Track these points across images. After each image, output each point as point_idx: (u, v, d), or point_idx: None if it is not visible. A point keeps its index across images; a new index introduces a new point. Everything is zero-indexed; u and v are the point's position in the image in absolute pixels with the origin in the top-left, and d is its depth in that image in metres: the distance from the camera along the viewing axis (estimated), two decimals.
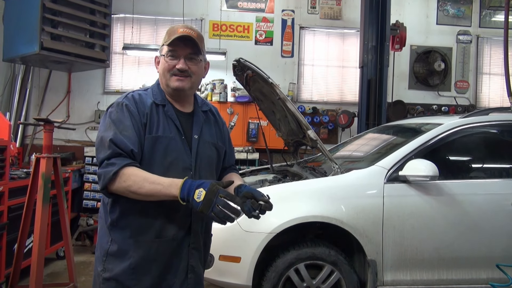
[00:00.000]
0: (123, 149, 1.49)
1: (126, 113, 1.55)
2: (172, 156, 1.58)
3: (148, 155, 1.55)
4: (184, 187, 1.41)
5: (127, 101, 1.59)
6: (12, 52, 4.73)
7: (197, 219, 1.63)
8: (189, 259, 1.62)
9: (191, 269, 1.63)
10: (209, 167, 1.70)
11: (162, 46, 1.66)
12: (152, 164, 1.54)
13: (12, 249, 3.40)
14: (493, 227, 2.95)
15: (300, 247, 2.90)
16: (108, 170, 1.46)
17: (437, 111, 6.40)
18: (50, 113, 5.97)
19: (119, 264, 1.55)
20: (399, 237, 2.88)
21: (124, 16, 6.21)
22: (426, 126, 3.34)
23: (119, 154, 1.48)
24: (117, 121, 1.54)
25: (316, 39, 6.58)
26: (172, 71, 1.61)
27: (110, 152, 1.48)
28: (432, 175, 2.77)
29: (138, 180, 1.45)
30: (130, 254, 1.54)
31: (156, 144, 1.56)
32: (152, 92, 1.67)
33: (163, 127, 1.59)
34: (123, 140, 1.49)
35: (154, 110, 1.61)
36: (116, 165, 1.46)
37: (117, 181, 1.46)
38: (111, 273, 1.55)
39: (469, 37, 6.68)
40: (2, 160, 3.31)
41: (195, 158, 1.63)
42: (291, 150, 4.22)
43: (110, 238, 1.58)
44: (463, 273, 2.95)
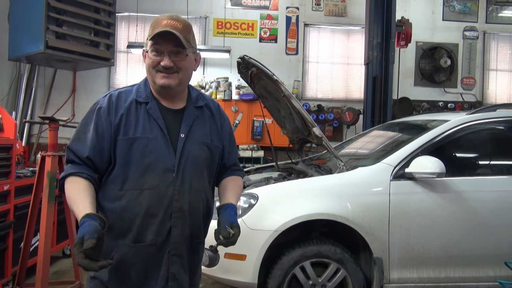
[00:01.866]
0: (78, 156, 1.48)
1: (94, 115, 1.51)
2: (151, 158, 1.48)
3: (124, 157, 1.48)
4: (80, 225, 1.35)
5: (102, 103, 1.53)
6: (17, 52, 4.75)
7: (178, 223, 1.52)
8: (169, 266, 1.52)
9: (172, 276, 1.52)
10: (196, 167, 1.56)
11: (146, 40, 1.54)
12: (129, 166, 1.49)
13: (18, 247, 3.41)
14: (501, 224, 2.92)
15: (305, 245, 2.88)
16: (62, 174, 1.48)
17: (443, 108, 6.36)
18: (55, 111, 6.00)
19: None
20: (406, 234, 2.86)
21: (129, 14, 6.22)
22: (433, 123, 3.31)
23: (71, 161, 1.48)
24: (84, 124, 1.53)
25: (320, 36, 6.55)
26: (157, 67, 1.50)
27: (66, 158, 1.50)
28: (439, 172, 2.74)
29: (67, 196, 1.45)
30: (112, 255, 1.49)
31: (133, 146, 1.48)
32: (137, 89, 1.59)
33: (142, 127, 1.50)
34: (78, 147, 1.49)
35: (133, 109, 1.52)
36: (65, 172, 1.47)
37: (64, 188, 1.47)
38: (95, 272, 1.49)
39: (476, 33, 6.63)
40: (8, 159, 3.32)
41: (179, 159, 1.51)
42: (296, 147, 4.20)
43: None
44: (470, 270, 2.92)
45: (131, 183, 1.48)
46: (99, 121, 1.49)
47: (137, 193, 1.47)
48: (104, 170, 1.50)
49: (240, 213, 2.85)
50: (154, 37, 1.47)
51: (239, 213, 2.86)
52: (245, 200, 2.89)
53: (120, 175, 1.48)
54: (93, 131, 1.49)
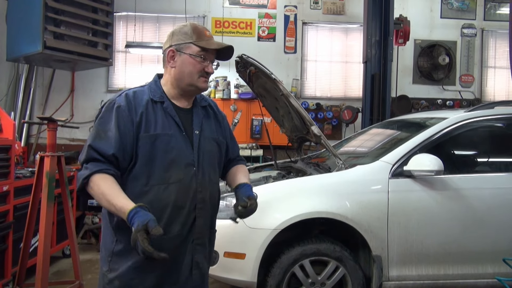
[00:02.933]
0: (102, 154, 1.49)
1: (114, 114, 1.54)
2: (173, 153, 1.56)
3: (148, 153, 1.54)
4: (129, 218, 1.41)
5: (120, 101, 1.56)
6: (15, 52, 4.75)
7: (201, 214, 1.62)
8: (193, 255, 1.62)
9: (196, 265, 1.62)
10: (211, 162, 1.69)
11: (188, 43, 1.62)
12: (153, 162, 1.54)
13: (18, 247, 3.41)
14: (499, 221, 2.93)
15: (304, 243, 2.89)
16: (82, 174, 1.49)
17: (442, 106, 6.37)
18: (54, 112, 6.00)
19: (124, 263, 1.55)
20: (404, 232, 2.87)
21: (127, 14, 6.21)
22: (431, 120, 3.32)
23: (94, 159, 1.49)
24: (103, 122, 1.54)
25: (319, 34, 6.55)
26: (200, 72, 1.62)
27: (88, 157, 1.50)
28: (437, 170, 2.75)
29: (96, 194, 1.47)
30: (134, 253, 1.51)
31: (155, 142, 1.55)
32: (149, 89, 1.65)
33: (162, 124, 1.58)
34: (103, 145, 1.50)
35: (150, 107, 1.59)
36: (88, 170, 1.48)
37: (89, 186, 1.49)
38: (115, 272, 1.55)
39: (474, 31, 6.63)
40: (7, 159, 3.32)
41: (197, 154, 1.62)
42: (295, 146, 4.21)
43: (115, 238, 1.57)
44: (469, 267, 2.93)
45: (156, 178, 1.54)
46: (120, 119, 1.53)
47: (164, 187, 1.54)
48: (125, 167, 1.55)
49: None
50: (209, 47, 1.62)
51: None
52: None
53: (144, 171, 1.54)
54: (116, 129, 1.52)
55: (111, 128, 1.52)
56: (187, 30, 1.64)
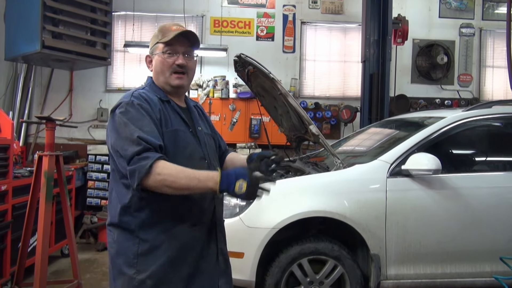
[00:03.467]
0: (152, 144, 1.48)
1: (141, 111, 1.55)
2: (190, 147, 1.64)
3: (172, 148, 1.58)
4: (223, 181, 1.45)
5: (137, 100, 1.58)
6: (13, 51, 4.73)
7: (218, 203, 1.71)
8: (217, 242, 1.70)
9: (221, 251, 1.72)
10: (214, 155, 1.79)
11: (156, 44, 1.67)
12: (176, 156, 1.57)
13: (16, 247, 3.41)
14: (497, 220, 2.94)
15: (303, 242, 2.90)
16: (142, 165, 1.44)
17: (440, 105, 6.36)
18: (52, 111, 5.98)
19: (155, 261, 1.55)
20: (402, 231, 2.88)
21: (125, 13, 6.20)
22: (429, 120, 3.33)
23: (149, 149, 1.47)
24: (135, 120, 1.52)
25: (317, 34, 6.55)
26: (171, 68, 1.63)
27: (141, 148, 1.46)
28: (435, 169, 2.76)
29: (173, 173, 1.45)
30: (165, 248, 1.56)
31: (176, 137, 1.60)
32: (152, 90, 1.68)
33: (175, 121, 1.64)
34: (150, 136, 1.50)
35: (162, 105, 1.64)
36: (149, 158, 1.44)
37: (152, 175, 1.44)
38: (147, 272, 1.54)
39: (472, 30, 6.64)
40: (5, 159, 3.32)
41: (205, 148, 1.70)
42: (294, 145, 4.21)
43: (138, 239, 1.56)
44: (467, 266, 2.95)
45: None
46: (149, 115, 1.56)
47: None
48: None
49: (237, 211, 2.87)
50: (174, 37, 1.60)
51: (237, 211, 2.87)
52: None
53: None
54: (150, 123, 1.54)
55: (146, 123, 1.52)
56: (155, 33, 1.69)
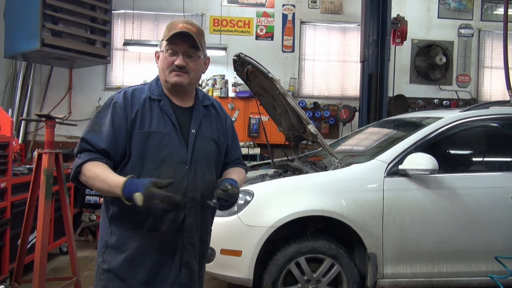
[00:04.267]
0: (95, 147, 1.53)
1: (110, 110, 1.58)
2: (166, 151, 1.57)
3: (140, 150, 1.56)
4: (125, 190, 1.42)
5: (117, 98, 1.60)
6: (13, 49, 4.75)
7: (191, 213, 1.61)
8: (182, 254, 1.62)
9: (185, 264, 1.62)
10: (206, 161, 1.67)
11: (161, 41, 1.65)
12: (144, 158, 1.56)
13: (15, 244, 3.42)
14: (493, 220, 2.96)
15: (300, 240, 2.92)
16: (75, 163, 1.54)
17: (439, 105, 6.39)
18: (52, 109, 6.00)
19: (117, 256, 1.58)
20: (399, 230, 2.90)
21: (125, 12, 6.22)
22: (427, 120, 3.34)
23: (88, 150, 1.54)
24: (99, 117, 1.59)
25: (317, 33, 6.57)
26: (171, 67, 1.61)
27: (80, 148, 1.55)
28: (432, 169, 2.77)
29: (91, 177, 1.50)
30: (127, 246, 1.58)
31: (148, 139, 1.56)
32: (149, 87, 1.67)
33: (157, 122, 1.59)
34: (94, 138, 1.54)
35: (147, 105, 1.60)
36: (81, 158, 1.53)
37: (80, 174, 1.53)
38: (109, 265, 1.59)
39: (471, 31, 6.67)
40: (5, 156, 3.33)
41: (191, 153, 1.61)
42: (292, 145, 4.23)
43: (110, 230, 1.61)
44: (463, 265, 2.96)
45: (147, 175, 1.54)
46: (115, 115, 1.56)
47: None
48: (118, 162, 1.58)
49: (235, 209, 2.88)
50: (171, 37, 1.57)
51: (235, 210, 2.88)
52: (241, 197, 2.91)
53: (136, 167, 1.56)
54: (110, 125, 1.55)
55: (105, 123, 1.56)
56: (164, 29, 1.66)
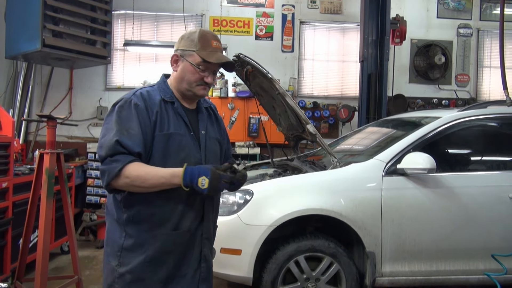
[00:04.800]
0: (128, 150, 1.53)
1: (133, 112, 1.58)
2: (185, 152, 1.64)
3: (162, 151, 1.60)
4: (186, 177, 1.51)
5: (136, 99, 1.61)
6: (14, 50, 4.76)
7: (209, 210, 1.71)
8: (202, 248, 1.70)
9: (204, 258, 1.71)
10: (215, 160, 1.76)
11: (191, 51, 1.67)
12: (166, 160, 1.60)
13: (17, 244, 3.45)
14: (491, 218, 2.99)
15: (300, 239, 2.94)
16: (112, 167, 1.51)
17: (438, 105, 6.40)
18: (52, 109, 6.02)
19: (136, 257, 1.60)
20: (398, 229, 2.92)
21: (125, 12, 6.23)
22: (426, 119, 3.37)
23: (122, 153, 1.53)
24: (124, 119, 1.57)
25: (316, 33, 6.59)
26: (200, 81, 1.67)
27: (114, 151, 1.53)
28: (430, 168, 2.80)
29: (140, 175, 1.51)
30: (146, 247, 1.60)
31: (169, 141, 1.61)
32: (159, 89, 1.70)
33: (174, 124, 1.64)
34: (129, 142, 1.53)
35: (163, 107, 1.65)
36: (120, 161, 1.51)
37: (120, 178, 1.51)
38: (127, 266, 1.60)
39: (470, 30, 6.68)
40: (6, 156, 3.36)
41: (204, 153, 1.69)
42: (292, 144, 4.25)
43: (124, 233, 1.62)
44: (461, 264, 2.99)
45: None
46: (141, 117, 1.58)
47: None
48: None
49: (235, 209, 2.91)
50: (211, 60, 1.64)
51: (235, 209, 2.91)
52: (241, 196, 2.94)
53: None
54: (138, 127, 1.57)
55: (133, 127, 1.56)
56: (194, 37, 1.68)
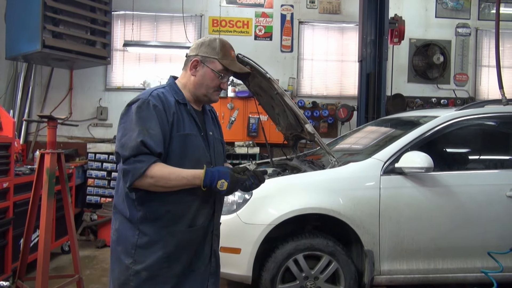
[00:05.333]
0: (151, 150, 1.57)
1: (153, 112, 1.62)
2: (199, 152, 1.70)
3: (180, 151, 1.65)
4: (207, 179, 1.59)
5: (154, 100, 1.64)
6: (14, 51, 4.78)
7: (218, 207, 1.81)
8: (212, 244, 1.78)
9: (214, 253, 1.80)
10: (220, 160, 1.84)
11: (213, 59, 1.73)
12: (183, 160, 1.65)
13: (17, 243, 3.48)
14: (488, 217, 3.01)
15: (298, 238, 2.96)
16: (137, 167, 1.55)
17: (436, 104, 6.43)
18: (52, 110, 6.04)
19: (151, 254, 1.64)
20: (396, 227, 2.94)
21: (125, 13, 6.25)
22: (424, 118, 3.39)
23: (145, 153, 1.57)
24: (145, 120, 1.60)
25: (315, 33, 6.61)
26: (217, 87, 1.75)
27: (138, 152, 1.56)
28: (427, 167, 2.82)
29: (164, 176, 1.57)
30: (162, 244, 1.64)
31: (186, 141, 1.67)
32: (171, 91, 1.75)
33: (188, 125, 1.70)
34: (152, 142, 1.57)
35: (177, 108, 1.70)
36: (144, 162, 1.55)
37: (145, 178, 1.56)
38: (142, 264, 1.64)
39: (468, 30, 6.70)
40: (7, 156, 3.38)
41: (213, 153, 1.76)
42: (291, 144, 4.27)
43: (138, 231, 1.65)
44: (458, 262, 3.01)
45: None
46: (160, 119, 1.62)
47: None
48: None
49: (235, 208, 2.93)
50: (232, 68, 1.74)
51: (234, 208, 2.93)
52: (240, 195, 2.96)
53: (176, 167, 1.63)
54: (158, 128, 1.61)
55: (153, 127, 1.60)
56: (215, 45, 1.74)
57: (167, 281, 1.66)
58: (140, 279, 1.64)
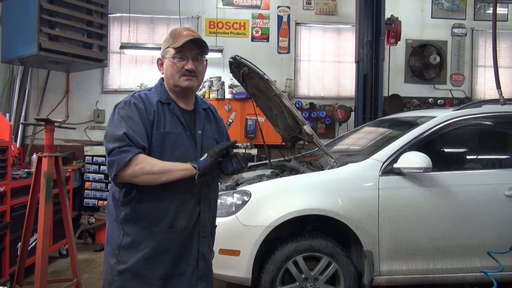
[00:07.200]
0: (134, 143, 1.60)
1: (135, 111, 1.66)
2: (180, 150, 1.69)
3: (158, 149, 1.66)
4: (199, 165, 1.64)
5: (135, 100, 1.69)
6: (10, 54, 4.77)
7: (205, 209, 1.76)
8: (199, 247, 1.74)
9: (202, 256, 1.76)
10: None
11: (166, 48, 1.75)
12: (162, 157, 1.65)
13: (15, 247, 3.45)
14: (486, 216, 3.01)
15: (298, 239, 2.96)
16: (122, 157, 1.56)
17: (433, 104, 6.45)
18: (49, 113, 6.02)
19: (133, 255, 1.65)
20: (395, 228, 2.94)
21: (121, 15, 6.24)
22: (421, 119, 3.39)
23: (131, 145, 1.59)
24: (127, 118, 1.64)
25: (312, 34, 6.62)
26: (181, 72, 1.72)
27: (123, 143, 1.58)
28: (426, 167, 2.82)
29: (150, 162, 1.58)
30: (144, 245, 1.65)
31: (165, 139, 1.67)
32: (156, 92, 1.77)
33: (170, 123, 1.71)
34: (135, 135, 1.60)
35: (160, 108, 1.72)
36: (130, 152, 1.57)
37: (130, 167, 1.56)
38: (125, 264, 1.65)
39: (464, 30, 6.73)
40: (4, 160, 3.36)
41: (200, 152, 1.74)
42: (289, 145, 4.27)
43: (122, 232, 1.67)
44: (457, 262, 3.01)
45: None
46: (141, 116, 1.65)
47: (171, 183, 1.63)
48: None
49: (233, 210, 2.92)
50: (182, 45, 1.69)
51: (233, 210, 2.93)
52: (238, 197, 2.95)
53: None
54: (141, 124, 1.64)
55: (136, 123, 1.63)
56: (167, 36, 1.77)
57: (153, 284, 1.66)
58: (124, 279, 1.65)
